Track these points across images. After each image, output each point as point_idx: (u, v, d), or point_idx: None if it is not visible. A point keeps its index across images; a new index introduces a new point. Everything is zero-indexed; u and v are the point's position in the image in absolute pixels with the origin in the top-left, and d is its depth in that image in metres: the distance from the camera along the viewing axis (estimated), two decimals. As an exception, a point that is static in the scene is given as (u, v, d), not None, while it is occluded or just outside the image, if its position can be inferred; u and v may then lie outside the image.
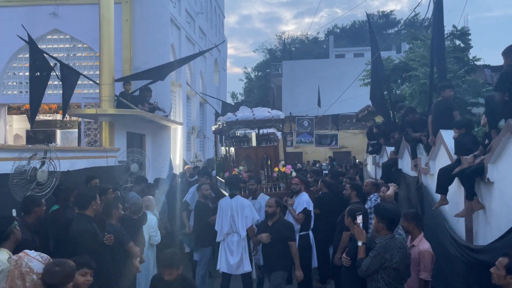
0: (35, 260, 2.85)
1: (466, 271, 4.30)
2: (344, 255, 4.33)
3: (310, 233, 6.48)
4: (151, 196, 5.96)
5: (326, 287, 6.90)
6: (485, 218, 4.42)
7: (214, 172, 9.09)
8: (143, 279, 5.45)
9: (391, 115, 9.46)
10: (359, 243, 3.85)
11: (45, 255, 2.96)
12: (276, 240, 5.31)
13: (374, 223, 3.75)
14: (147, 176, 8.64)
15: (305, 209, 6.32)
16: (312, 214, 6.47)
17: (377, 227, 3.71)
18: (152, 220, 5.92)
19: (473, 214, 4.62)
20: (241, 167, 6.97)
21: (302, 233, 6.39)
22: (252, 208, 5.87)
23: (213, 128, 8.98)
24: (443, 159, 5.64)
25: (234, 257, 5.71)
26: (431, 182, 6.16)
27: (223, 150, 8.58)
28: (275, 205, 5.39)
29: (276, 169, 6.98)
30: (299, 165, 17.80)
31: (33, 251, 2.98)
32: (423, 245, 4.21)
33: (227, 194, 6.57)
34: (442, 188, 5.04)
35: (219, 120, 8.33)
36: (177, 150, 12.97)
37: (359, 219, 3.96)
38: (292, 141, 25.29)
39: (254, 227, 5.83)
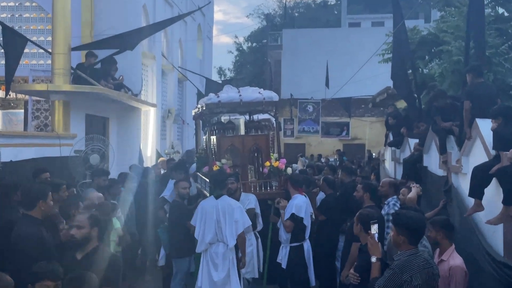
0: None
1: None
2: (351, 270, 4.36)
3: (305, 244, 6.54)
4: (99, 194, 5.91)
5: (332, 311, 6.97)
6: (528, 228, 4.46)
7: (193, 167, 9.08)
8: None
9: (416, 100, 9.48)
10: (373, 259, 3.84)
11: None
12: None
13: (392, 236, 3.74)
14: (110, 170, 8.64)
15: (292, 215, 6.37)
16: (308, 222, 6.51)
17: (396, 241, 3.70)
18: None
19: (512, 223, 4.66)
20: (224, 161, 6.97)
21: (293, 245, 6.45)
22: (243, 211, 5.90)
23: (193, 112, 8.95)
24: (478, 155, 5.67)
25: (218, 273, 5.73)
26: (463, 183, 6.19)
27: (204, 139, 8.58)
28: (89, 225, 4.05)
29: (268, 163, 6.99)
30: (302, 159, 17.84)
31: None
32: (454, 259, 4.24)
33: (207, 194, 6.58)
34: (477, 191, 5.06)
35: (199, 103, 8.32)
36: (148, 139, 12.93)
37: (374, 228, 3.93)
38: (293, 130, 25.33)
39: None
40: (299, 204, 6.44)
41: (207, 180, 6.83)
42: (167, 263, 7.07)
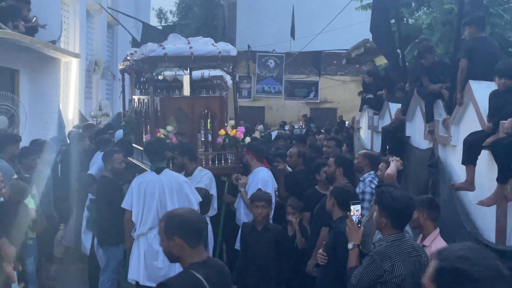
0: None
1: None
2: (320, 250, 4.50)
3: None
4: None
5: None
6: (524, 210, 4.69)
7: (119, 133, 8.98)
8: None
9: (400, 56, 9.65)
10: (350, 245, 3.99)
11: None
12: None
13: (375, 217, 3.88)
14: (22, 136, 8.46)
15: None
16: (273, 199, 6.61)
17: (379, 223, 3.84)
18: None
19: (507, 204, 4.87)
20: (169, 128, 6.96)
21: None
22: (192, 186, 5.97)
23: (121, 65, 8.79)
24: (470, 124, 5.86)
25: (160, 261, 5.78)
26: (452, 157, 6.41)
27: (135, 100, 8.48)
28: None
29: (222, 132, 7.04)
30: (260, 126, 17.98)
31: None
32: (437, 245, 4.37)
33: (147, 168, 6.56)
34: (470, 157, 5.22)
35: (132, 53, 8.17)
36: (70, 97, 12.69)
37: (355, 209, 4.08)
38: (250, 91, 25.35)
39: None
40: (265, 179, 6.60)
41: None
42: (91, 252, 7.07)
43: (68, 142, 9.72)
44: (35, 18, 9.99)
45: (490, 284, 1.80)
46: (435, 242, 4.47)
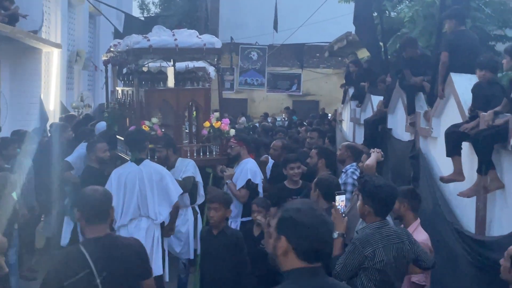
0: None
1: (475, 275, 4.65)
2: None
3: None
4: None
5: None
6: (504, 201, 4.76)
7: (101, 125, 8.94)
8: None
9: (382, 49, 9.70)
10: (335, 235, 4.08)
11: None
12: None
13: (359, 205, 3.98)
14: (2, 127, 8.41)
15: (249, 181, 6.52)
16: (261, 189, 6.67)
17: (362, 211, 3.94)
18: None
19: (487, 195, 4.96)
20: (154, 120, 6.96)
21: (245, 219, 6.53)
22: (173, 178, 5.94)
23: (104, 57, 8.75)
24: (451, 117, 5.94)
25: None
26: (433, 149, 6.49)
27: (119, 91, 8.44)
28: None
29: (207, 123, 7.05)
30: (243, 118, 17.96)
31: None
32: (418, 235, 4.48)
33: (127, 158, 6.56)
34: (453, 149, 5.28)
35: (116, 45, 8.13)
36: (51, 88, 12.58)
37: (339, 199, 4.23)
38: (233, 83, 25.27)
39: None
40: (254, 169, 6.63)
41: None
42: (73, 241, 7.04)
43: (49, 134, 9.64)
44: (16, 7, 9.86)
45: (316, 228, 2.42)
46: (416, 233, 4.54)
